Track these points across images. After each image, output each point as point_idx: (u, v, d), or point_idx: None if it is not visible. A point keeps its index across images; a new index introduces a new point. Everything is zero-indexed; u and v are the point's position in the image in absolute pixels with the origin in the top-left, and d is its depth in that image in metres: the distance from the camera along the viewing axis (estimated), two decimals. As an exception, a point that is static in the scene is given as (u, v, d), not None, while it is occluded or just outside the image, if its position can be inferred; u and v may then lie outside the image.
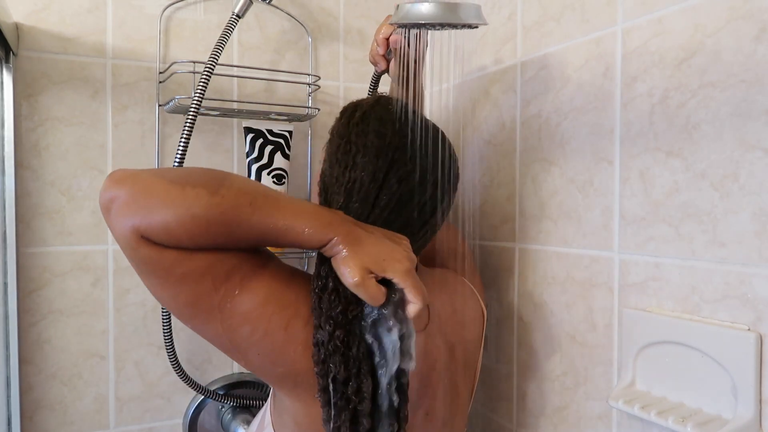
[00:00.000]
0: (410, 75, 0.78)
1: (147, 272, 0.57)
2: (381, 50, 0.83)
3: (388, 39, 0.81)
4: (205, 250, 0.56)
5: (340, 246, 0.58)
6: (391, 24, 0.73)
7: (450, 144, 0.74)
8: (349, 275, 0.57)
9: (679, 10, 0.67)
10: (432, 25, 0.69)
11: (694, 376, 0.64)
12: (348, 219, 0.62)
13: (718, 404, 0.62)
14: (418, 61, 0.78)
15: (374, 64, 0.88)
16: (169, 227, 0.53)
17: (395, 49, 0.80)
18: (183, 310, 0.59)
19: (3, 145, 0.91)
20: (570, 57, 0.83)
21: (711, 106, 0.64)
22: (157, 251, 0.54)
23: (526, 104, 0.91)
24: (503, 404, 0.96)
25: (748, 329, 0.60)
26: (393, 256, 0.59)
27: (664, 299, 0.69)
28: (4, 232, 0.91)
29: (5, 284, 0.91)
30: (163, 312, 0.96)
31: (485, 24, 0.69)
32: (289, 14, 1.11)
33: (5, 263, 0.91)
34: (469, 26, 0.68)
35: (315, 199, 0.73)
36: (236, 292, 0.58)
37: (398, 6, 0.70)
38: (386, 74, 0.89)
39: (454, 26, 0.69)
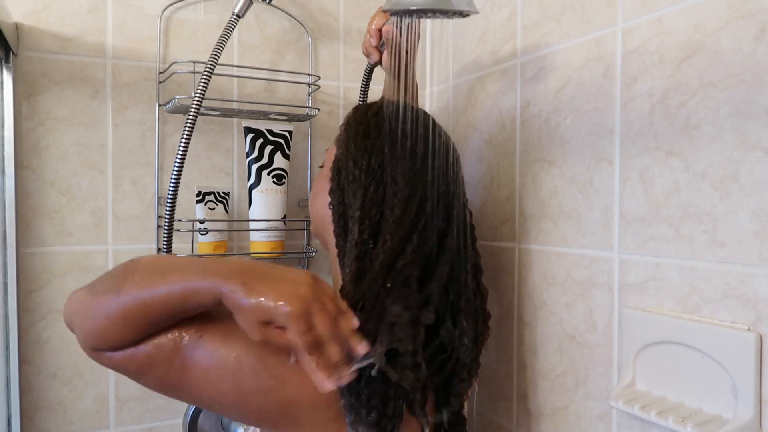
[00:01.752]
0: (403, 66, 0.78)
1: (123, 373, 0.61)
2: (374, 41, 0.83)
3: (380, 30, 0.81)
4: (145, 340, 0.58)
5: (234, 296, 0.55)
6: (383, 11, 0.73)
7: (451, 142, 0.74)
8: (251, 335, 0.55)
9: (679, 10, 0.67)
10: (423, 12, 0.69)
11: (694, 376, 0.64)
12: (235, 264, 0.59)
13: (718, 404, 0.62)
14: (411, 52, 0.78)
15: (367, 55, 0.88)
16: (99, 334, 0.58)
17: (388, 39, 0.80)
18: (159, 392, 0.62)
19: (3, 145, 0.91)
20: (570, 57, 0.83)
21: (711, 106, 0.64)
22: (110, 358, 0.59)
23: (526, 104, 0.91)
24: (503, 404, 0.96)
25: (748, 329, 0.60)
26: (279, 293, 0.54)
27: (664, 299, 0.69)
28: (4, 232, 0.91)
29: (5, 284, 0.91)
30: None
31: (476, 12, 0.68)
32: (289, 14, 1.11)
33: (5, 263, 0.91)
34: (461, 14, 0.68)
35: (326, 216, 0.73)
36: (182, 375, 0.59)
37: None
38: (379, 66, 0.89)
39: (446, 13, 0.68)
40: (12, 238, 0.91)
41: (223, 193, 1.03)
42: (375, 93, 1.05)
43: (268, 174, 1.03)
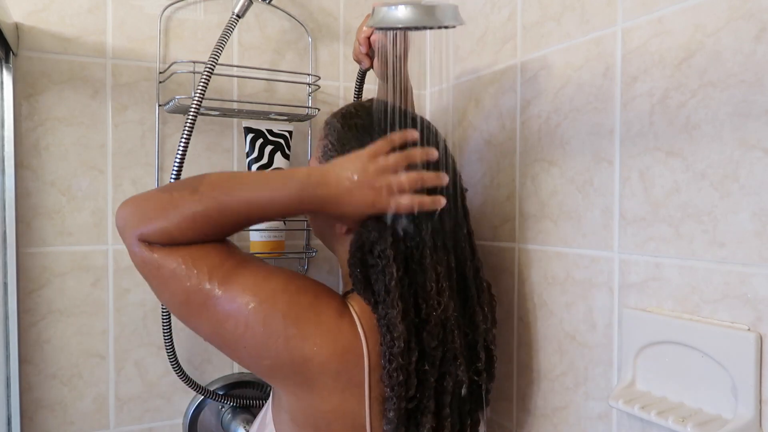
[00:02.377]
0: (393, 72, 0.79)
1: (148, 275, 0.65)
2: (363, 49, 0.83)
3: (369, 38, 0.81)
4: (191, 247, 0.64)
5: (318, 175, 0.67)
6: (368, 27, 0.73)
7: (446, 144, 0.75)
8: (354, 174, 0.66)
9: (679, 10, 0.67)
10: (408, 28, 0.69)
11: (694, 376, 0.64)
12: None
13: (718, 404, 0.62)
14: (401, 59, 0.79)
15: (358, 62, 0.88)
16: (164, 227, 0.63)
17: (377, 48, 0.81)
18: (180, 310, 0.65)
19: (3, 145, 0.91)
20: (570, 57, 0.83)
21: (711, 106, 0.64)
22: (152, 250, 0.64)
23: (526, 104, 0.91)
24: (503, 404, 0.96)
25: (748, 329, 0.60)
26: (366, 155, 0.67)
27: (664, 299, 0.69)
28: (4, 232, 0.91)
29: (5, 284, 0.91)
30: (163, 312, 0.95)
31: (462, 24, 0.69)
32: (289, 14, 1.11)
33: (5, 263, 0.91)
34: (446, 27, 0.68)
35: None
36: (219, 289, 0.63)
37: (374, 9, 0.70)
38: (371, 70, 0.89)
39: (431, 27, 0.69)
40: (12, 238, 0.91)
41: (223, 193, 1.03)
42: (369, 93, 1.05)
43: (268, 174, 1.03)
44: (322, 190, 0.66)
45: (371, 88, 1.03)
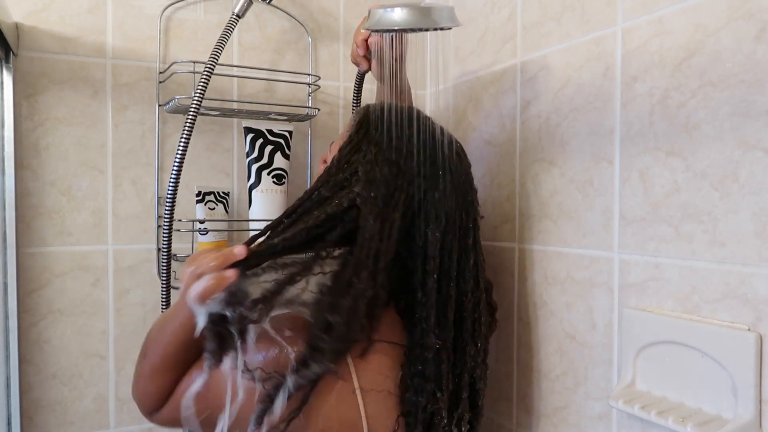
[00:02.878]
0: (392, 74, 0.79)
1: (182, 425, 0.69)
2: (361, 51, 0.83)
3: (366, 40, 0.81)
4: (175, 393, 0.68)
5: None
6: (364, 30, 0.73)
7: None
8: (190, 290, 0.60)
9: (679, 10, 0.67)
10: (404, 30, 0.69)
11: (694, 376, 0.64)
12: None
13: (718, 404, 0.62)
14: (398, 60, 0.79)
15: (356, 65, 0.88)
16: (143, 395, 0.70)
17: (374, 50, 0.81)
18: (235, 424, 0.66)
19: (3, 145, 0.91)
20: (570, 57, 0.83)
21: (711, 106, 0.64)
22: (161, 414, 0.70)
23: (526, 104, 0.91)
24: (503, 404, 0.96)
25: (748, 329, 0.60)
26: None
27: (664, 299, 0.69)
28: (4, 232, 0.91)
29: (5, 284, 0.91)
30: (163, 312, 0.96)
31: (459, 25, 0.69)
32: (289, 14, 1.11)
33: (5, 263, 0.91)
34: (442, 29, 0.68)
35: None
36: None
37: (370, 11, 0.70)
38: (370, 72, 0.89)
39: (427, 29, 0.69)
40: (12, 238, 0.91)
41: (223, 193, 1.03)
42: (369, 93, 1.05)
43: (268, 174, 1.03)
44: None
45: (371, 88, 1.03)
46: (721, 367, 0.61)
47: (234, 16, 0.94)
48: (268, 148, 1.03)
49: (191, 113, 0.88)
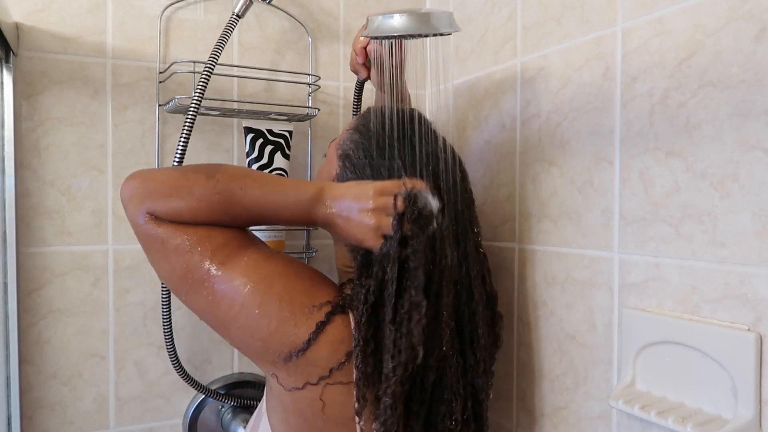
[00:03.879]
0: (391, 82, 0.79)
1: (150, 247, 0.66)
2: (360, 59, 0.83)
3: (365, 48, 0.81)
4: (199, 225, 0.65)
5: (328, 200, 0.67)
6: (363, 37, 0.73)
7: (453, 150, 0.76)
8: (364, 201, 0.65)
9: (679, 10, 0.67)
10: (403, 36, 0.69)
11: (694, 376, 0.64)
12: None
13: (718, 404, 0.62)
14: (398, 68, 0.79)
15: (355, 72, 0.88)
16: (175, 206, 0.64)
17: (374, 58, 0.81)
18: (177, 284, 0.65)
19: (3, 145, 0.91)
20: (570, 57, 0.83)
21: (711, 106, 0.64)
22: (158, 225, 0.64)
23: (526, 104, 0.91)
24: (503, 404, 0.96)
25: (748, 329, 0.60)
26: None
27: (664, 299, 0.69)
28: (4, 232, 0.91)
29: (5, 284, 0.91)
30: (163, 312, 0.95)
31: (458, 31, 0.69)
32: (289, 14, 1.11)
33: (5, 263, 0.91)
34: (442, 35, 0.68)
35: None
36: (219, 269, 0.64)
37: (369, 18, 0.70)
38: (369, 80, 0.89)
39: (427, 36, 0.69)
40: (12, 238, 0.91)
41: (223, 193, 1.03)
42: (368, 93, 1.05)
43: (268, 174, 1.03)
44: (321, 209, 0.68)
45: (371, 88, 1.03)
46: (721, 367, 0.61)
47: (234, 16, 0.94)
48: (268, 148, 1.03)
49: (191, 113, 0.88)
